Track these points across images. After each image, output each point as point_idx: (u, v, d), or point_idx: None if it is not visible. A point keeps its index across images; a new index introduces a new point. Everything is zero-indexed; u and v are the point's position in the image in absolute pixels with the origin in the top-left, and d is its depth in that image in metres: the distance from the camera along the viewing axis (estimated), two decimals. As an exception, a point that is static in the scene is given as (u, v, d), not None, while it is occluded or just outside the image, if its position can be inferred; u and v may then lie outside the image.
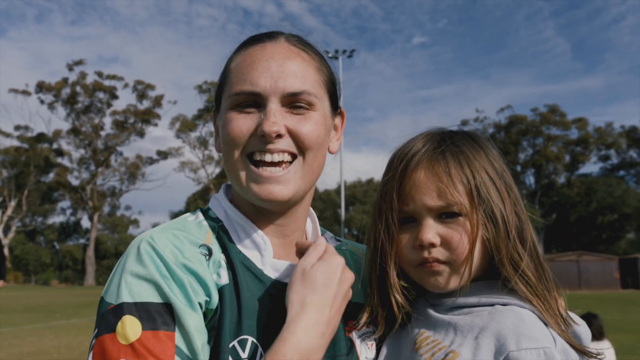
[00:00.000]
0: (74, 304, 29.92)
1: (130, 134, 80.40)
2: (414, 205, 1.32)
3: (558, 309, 1.27)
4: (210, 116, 1.51)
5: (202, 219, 1.42)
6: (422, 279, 1.35)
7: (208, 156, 77.28)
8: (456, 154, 1.33)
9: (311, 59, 1.41)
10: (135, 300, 1.15)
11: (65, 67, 78.32)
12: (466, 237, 1.29)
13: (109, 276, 1.24)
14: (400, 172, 1.36)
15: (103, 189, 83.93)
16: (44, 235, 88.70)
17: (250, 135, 1.31)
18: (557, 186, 76.60)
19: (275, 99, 1.30)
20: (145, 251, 1.22)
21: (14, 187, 76.79)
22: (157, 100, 79.86)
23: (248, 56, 1.36)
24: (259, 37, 1.41)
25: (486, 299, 1.29)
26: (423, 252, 1.32)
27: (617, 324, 17.61)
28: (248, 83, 1.31)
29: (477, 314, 1.27)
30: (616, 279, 53.49)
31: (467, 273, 1.29)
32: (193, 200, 79.12)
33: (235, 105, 1.33)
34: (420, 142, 1.39)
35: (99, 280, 78.50)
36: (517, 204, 1.35)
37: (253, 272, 1.34)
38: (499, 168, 1.37)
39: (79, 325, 17.73)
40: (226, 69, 1.42)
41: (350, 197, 79.21)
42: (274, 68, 1.32)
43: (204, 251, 1.29)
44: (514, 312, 1.23)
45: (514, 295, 1.28)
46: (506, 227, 1.29)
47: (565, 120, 76.17)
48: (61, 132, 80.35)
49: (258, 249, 1.38)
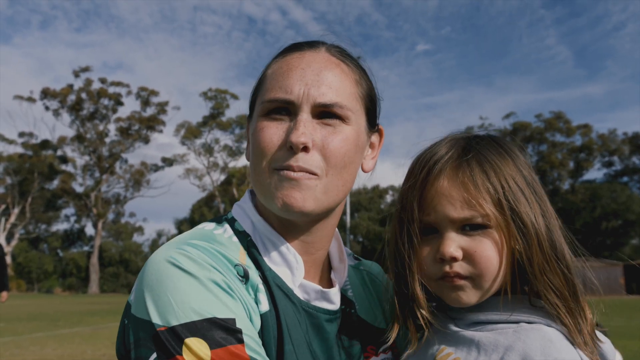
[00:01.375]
0: (77, 312, 29.89)
1: (135, 140, 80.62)
2: (435, 216, 1.25)
3: (587, 328, 1.19)
4: (216, 123, 1.48)
5: (231, 233, 1.33)
6: (443, 294, 1.27)
7: (213, 163, 77.37)
8: (482, 161, 1.25)
9: (350, 71, 1.34)
10: (193, 319, 1.07)
11: (71, 73, 78.69)
12: (491, 250, 1.21)
13: (141, 295, 1.13)
14: (422, 180, 1.28)
15: (107, 196, 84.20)
16: (47, 243, 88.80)
17: (280, 145, 1.24)
18: (562, 192, 76.43)
19: (307, 109, 1.24)
20: (186, 263, 1.14)
21: (17, 194, 76.93)
22: (161, 106, 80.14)
23: (285, 63, 1.30)
24: (299, 45, 1.36)
25: (510, 316, 1.21)
26: (444, 265, 1.24)
27: (622, 330, 17.49)
28: (282, 90, 1.25)
29: (502, 331, 1.19)
30: (621, 285, 53.24)
31: (491, 288, 1.24)
32: (198, 208, 79.16)
33: (267, 112, 1.27)
34: (443, 147, 1.31)
35: (103, 288, 78.61)
36: (548, 214, 1.27)
37: (285, 293, 1.27)
38: (527, 176, 1.28)
39: (83, 334, 17.68)
40: (263, 75, 1.36)
41: (356, 203, 79.25)
42: (309, 76, 1.26)
43: (240, 273, 1.21)
44: (540, 332, 1.15)
45: (539, 313, 1.21)
46: (538, 239, 1.21)
47: (570, 126, 76.17)
48: (66, 139, 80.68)
49: (289, 266, 1.31)
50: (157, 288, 1.11)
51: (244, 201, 1.44)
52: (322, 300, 1.35)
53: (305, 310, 1.30)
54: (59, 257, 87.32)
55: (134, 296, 1.16)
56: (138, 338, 1.10)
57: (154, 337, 1.07)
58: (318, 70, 1.28)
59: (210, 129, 75.21)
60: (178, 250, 1.17)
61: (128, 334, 1.13)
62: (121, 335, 1.18)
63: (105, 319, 23.78)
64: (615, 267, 54.31)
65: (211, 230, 1.31)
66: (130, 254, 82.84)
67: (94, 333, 17.87)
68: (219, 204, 76.82)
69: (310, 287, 1.33)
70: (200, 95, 74.89)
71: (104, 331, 18.35)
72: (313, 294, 1.33)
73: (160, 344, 1.06)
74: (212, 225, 1.35)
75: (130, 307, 1.15)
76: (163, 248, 1.21)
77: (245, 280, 1.22)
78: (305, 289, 1.32)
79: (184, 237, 1.25)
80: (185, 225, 79.56)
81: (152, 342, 1.07)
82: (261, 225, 1.35)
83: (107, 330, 18.41)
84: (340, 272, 1.47)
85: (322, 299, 1.35)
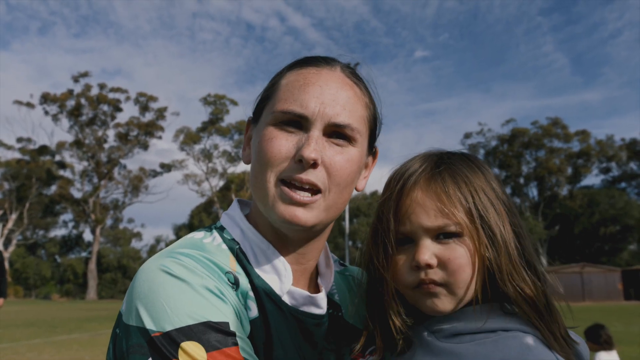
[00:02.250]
0: (75, 318, 29.84)
1: (134, 146, 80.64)
2: (410, 226, 1.30)
3: (560, 330, 1.25)
4: (215, 129, 1.48)
5: (220, 241, 1.36)
6: (419, 302, 1.31)
7: (212, 169, 77.36)
8: (454, 174, 1.32)
9: (362, 94, 1.39)
10: (188, 323, 1.09)
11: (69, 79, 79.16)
12: (464, 257, 1.26)
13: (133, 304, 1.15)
14: (397, 192, 1.34)
15: (106, 201, 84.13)
16: (45, 249, 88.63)
17: (287, 157, 1.28)
18: (560, 198, 76.64)
19: (320, 126, 1.28)
20: (179, 270, 1.17)
21: (15, 199, 76.80)
22: (160, 112, 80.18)
23: (302, 77, 1.33)
24: (316, 60, 1.39)
25: (487, 324, 1.25)
26: (420, 273, 1.28)
27: (620, 336, 17.49)
28: (297, 104, 1.28)
29: (480, 342, 1.22)
30: (619, 291, 53.29)
31: (465, 295, 1.28)
32: (197, 213, 79.13)
33: (278, 122, 1.30)
34: (417, 162, 1.38)
35: (101, 294, 78.37)
36: (517, 224, 1.33)
37: (273, 299, 1.31)
38: (497, 189, 1.35)
39: (81, 341, 17.64)
40: (276, 83, 1.38)
41: (355, 209, 79.24)
42: (326, 94, 1.30)
43: (231, 280, 1.25)
44: (517, 339, 1.20)
45: (515, 319, 1.25)
46: (506, 247, 1.27)
47: (567, 132, 76.45)
48: (64, 144, 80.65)
49: (278, 274, 1.35)
50: (150, 295, 1.13)
51: (232, 210, 1.47)
52: (310, 305, 1.39)
53: (294, 316, 1.34)
54: (57, 263, 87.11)
55: (125, 306, 1.18)
56: (131, 345, 1.11)
57: (149, 343, 1.08)
58: (335, 90, 1.32)
59: (209, 134, 75.23)
60: (169, 258, 1.20)
61: (120, 343, 1.15)
62: (112, 346, 1.20)
63: (103, 325, 23.74)
64: (613, 273, 54.39)
65: (200, 239, 1.34)
66: (128, 259, 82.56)
67: (91, 339, 17.84)
68: (218, 209, 76.75)
69: (298, 293, 1.36)
70: (200, 100, 75.18)
71: (101, 337, 18.32)
72: (301, 299, 1.37)
73: (156, 349, 1.07)
74: (202, 234, 1.38)
75: (122, 317, 1.17)
76: (153, 258, 1.24)
77: (236, 287, 1.25)
78: (293, 295, 1.36)
79: (174, 247, 1.28)
80: (184, 231, 79.41)
81: (147, 348, 1.08)
82: (251, 233, 1.38)
83: (105, 337, 18.36)
84: (326, 277, 1.51)
85: (309, 304, 1.39)
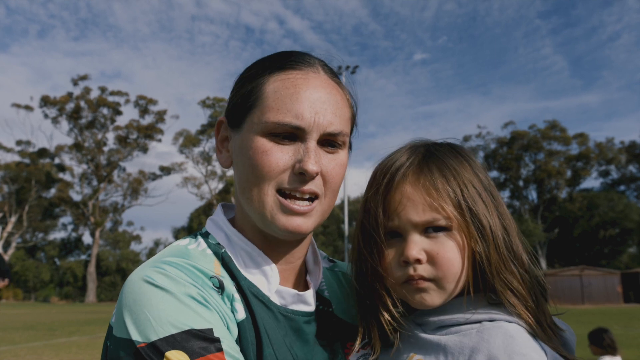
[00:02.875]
0: (75, 321, 29.80)
1: (133, 149, 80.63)
2: (399, 221, 1.28)
3: (546, 319, 1.25)
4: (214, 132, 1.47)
5: (205, 246, 1.36)
6: (407, 296, 1.30)
7: (211, 172, 77.47)
8: (442, 166, 1.30)
9: (345, 94, 1.39)
10: (172, 332, 1.10)
11: (69, 82, 79.02)
12: (453, 252, 1.25)
13: (120, 316, 1.16)
14: (385, 186, 1.31)
15: (105, 204, 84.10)
16: (44, 252, 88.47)
17: (285, 169, 1.27)
18: (559, 201, 76.66)
19: (315, 136, 1.27)
20: (161, 280, 1.17)
21: (14, 202, 76.78)
22: (160, 115, 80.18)
23: (290, 83, 1.29)
24: (296, 62, 1.35)
25: (473, 316, 1.24)
26: (408, 268, 1.27)
27: (619, 339, 17.43)
28: (292, 115, 1.26)
29: (465, 333, 1.22)
30: (618, 294, 53.27)
31: (453, 288, 1.27)
32: (196, 216, 78.98)
33: (270, 133, 1.27)
34: (404, 155, 1.35)
35: (100, 297, 78.27)
36: (504, 216, 1.31)
37: (261, 300, 1.31)
38: (484, 180, 1.33)
39: (80, 343, 17.64)
40: (258, 87, 1.32)
41: (354, 212, 79.01)
42: (317, 103, 1.28)
43: (216, 284, 1.25)
44: (502, 329, 1.19)
45: (499, 309, 1.24)
46: (494, 240, 1.26)
47: (565, 135, 76.44)
48: (64, 147, 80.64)
49: (264, 275, 1.35)
50: (134, 307, 1.14)
51: (216, 215, 1.48)
52: (299, 303, 1.39)
53: (283, 314, 1.34)
54: (56, 266, 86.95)
55: (114, 318, 1.19)
56: (118, 357, 1.12)
57: (135, 354, 1.09)
58: (325, 96, 1.30)
59: (208, 137, 75.49)
60: (153, 268, 1.20)
61: (111, 355, 1.15)
62: (104, 358, 1.22)
63: (103, 328, 23.70)
64: (612, 276, 54.37)
65: (185, 246, 1.35)
66: (127, 262, 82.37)
67: (91, 342, 17.83)
68: (217, 212, 76.26)
69: (286, 292, 1.37)
70: (199, 103, 75.41)
71: (100, 340, 18.28)
72: (289, 298, 1.37)
73: (142, 359, 1.08)
74: (187, 240, 1.39)
75: (112, 329, 1.18)
76: (139, 269, 1.24)
77: (221, 290, 1.25)
78: (282, 294, 1.36)
79: (159, 256, 1.29)
80: (183, 233, 79.30)
81: (134, 359, 1.09)
82: (235, 237, 1.38)
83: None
84: (315, 274, 1.51)
85: (298, 302, 1.39)
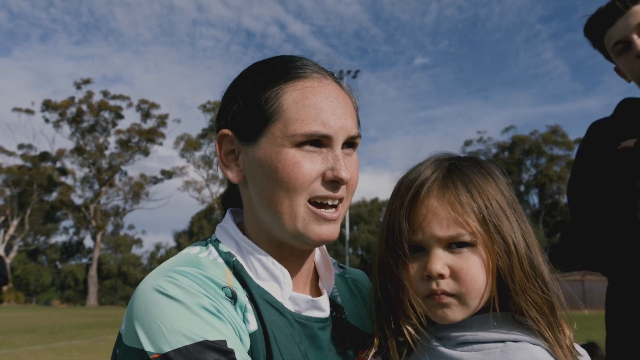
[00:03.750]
0: (76, 324, 29.76)
1: (135, 153, 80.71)
2: (422, 235, 1.27)
3: (565, 341, 1.24)
4: (215, 135, 1.43)
5: (216, 255, 1.34)
6: (430, 311, 1.29)
7: (212, 175, 77.39)
8: (466, 181, 1.30)
9: (351, 97, 1.41)
10: (185, 343, 1.08)
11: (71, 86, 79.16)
12: (477, 267, 1.25)
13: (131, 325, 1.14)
14: (410, 200, 1.30)
15: (107, 208, 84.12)
16: (46, 255, 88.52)
17: (317, 178, 1.28)
18: (561, 206, 76.42)
19: (341, 142, 1.30)
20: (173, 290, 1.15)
21: (16, 206, 76.82)
22: (162, 119, 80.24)
23: (310, 93, 1.29)
24: (304, 70, 1.34)
25: (496, 335, 1.24)
26: (431, 283, 1.26)
27: (623, 345, 17.43)
28: (319, 124, 1.26)
29: (489, 351, 1.21)
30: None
31: (476, 304, 1.26)
32: (197, 220, 79.09)
33: (298, 144, 1.27)
34: (428, 169, 1.34)
35: (101, 301, 78.28)
36: (527, 233, 1.31)
37: (274, 307, 1.30)
38: (508, 196, 1.33)
39: (81, 347, 17.59)
40: (276, 100, 1.29)
41: (355, 216, 79.25)
42: (337, 109, 1.29)
43: (228, 295, 1.23)
44: (526, 351, 1.19)
45: (524, 330, 1.24)
46: (518, 256, 1.25)
47: (567, 140, 76.38)
48: (65, 151, 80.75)
49: (277, 281, 1.33)
50: (147, 317, 1.12)
51: (226, 221, 1.45)
52: (313, 309, 1.37)
53: (298, 321, 1.33)
54: (58, 269, 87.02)
55: (124, 326, 1.17)
56: None
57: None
58: (342, 102, 1.32)
59: (209, 141, 75.43)
60: (165, 278, 1.18)
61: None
62: None
63: (104, 332, 23.67)
64: (615, 281, 54.19)
65: (196, 255, 1.32)
66: (128, 266, 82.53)
67: (92, 345, 17.79)
68: (218, 216, 76.51)
69: (300, 298, 1.35)
70: (199, 107, 75.45)
71: (102, 344, 18.26)
72: (303, 304, 1.35)
73: None
74: (197, 249, 1.36)
75: (122, 338, 1.17)
76: (150, 277, 1.22)
77: (234, 301, 1.23)
78: (295, 300, 1.35)
79: (170, 264, 1.26)
80: (184, 237, 79.54)
81: None
82: (245, 244, 1.36)
83: (105, 343, 18.32)
84: (327, 279, 1.50)
85: (312, 308, 1.37)
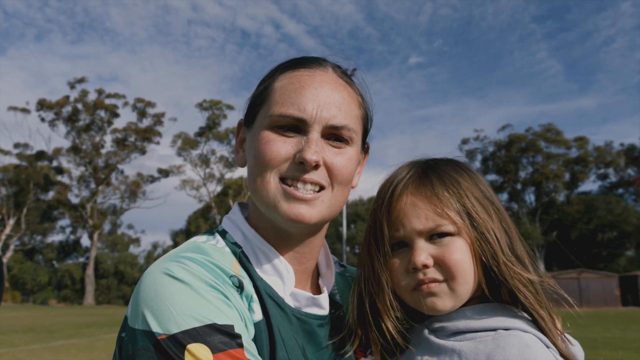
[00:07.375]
0: (73, 323, 29.74)
1: (131, 151, 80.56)
2: (404, 231, 1.34)
3: (555, 324, 1.29)
4: (212, 134, 1.50)
5: (223, 244, 1.36)
6: (419, 303, 1.33)
7: (209, 174, 77.31)
8: (441, 177, 1.37)
9: (355, 93, 1.42)
10: (194, 325, 1.10)
11: (66, 85, 78.64)
12: (460, 251, 1.30)
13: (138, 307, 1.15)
14: (388, 199, 1.38)
15: (103, 207, 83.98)
16: (42, 254, 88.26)
17: (287, 159, 1.30)
18: (558, 204, 76.73)
19: (318, 128, 1.30)
20: (182, 274, 1.17)
21: (12, 205, 76.70)
22: (158, 117, 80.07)
23: (296, 79, 1.34)
24: (307, 61, 1.40)
25: (488, 323, 1.28)
26: (418, 274, 1.31)
27: (617, 342, 17.52)
28: (295, 107, 1.30)
29: (481, 339, 1.25)
30: (617, 297, 53.32)
31: (464, 292, 1.31)
32: (194, 219, 79.07)
33: (276, 126, 1.31)
34: (404, 170, 1.43)
35: (99, 300, 78.18)
36: (506, 223, 1.37)
37: (276, 301, 1.32)
38: (484, 189, 1.39)
39: (79, 346, 17.60)
40: (268, 86, 1.38)
41: (352, 215, 79.28)
42: (321, 97, 1.31)
43: (235, 283, 1.25)
44: (517, 338, 1.22)
45: (515, 318, 1.28)
46: (498, 243, 1.31)
47: (565, 138, 76.55)
48: (61, 150, 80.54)
49: (280, 276, 1.36)
50: (156, 299, 1.13)
51: (233, 213, 1.48)
52: (313, 306, 1.40)
53: (297, 317, 1.35)
54: (54, 269, 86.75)
55: (131, 310, 1.18)
56: (137, 348, 1.11)
57: (155, 346, 1.09)
58: (330, 91, 1.33)
59: (206, 139, 75.32)
60: (173, 262, 1.20)
61: (127, 347, 1.15)
62: (118, 350, 1.20)
63: (101, 331, 23.69)
64: (610, 279, 54.43)
65: (204, 243, 1.34)
66: (125, 265, 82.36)
67: (90, 344, 17.80)
68: (215, 215, 76.73)
69: (301, 294, 1.38)
70: (196, 106, 75.35)
71: (99, 342, 18.28)
72: (304, 301, 1.38)
73: (162, 351, 1.08)
74: (205, 237, 1.39)
75: (128, 321, 1.18)
76: (158, 262, 1.24)
77: (240, 290, 1.25)
78: (296, 296, 1.38)
79: (178, 251, 1.29)
80: (181, 236, 79.27)
81: (154, 351, 1.09)
82: (252, 237, 1.39)
83: (103, 342, 18.35)
84: (327, 278, 1.53)
85: (312, 305, 1.40)
